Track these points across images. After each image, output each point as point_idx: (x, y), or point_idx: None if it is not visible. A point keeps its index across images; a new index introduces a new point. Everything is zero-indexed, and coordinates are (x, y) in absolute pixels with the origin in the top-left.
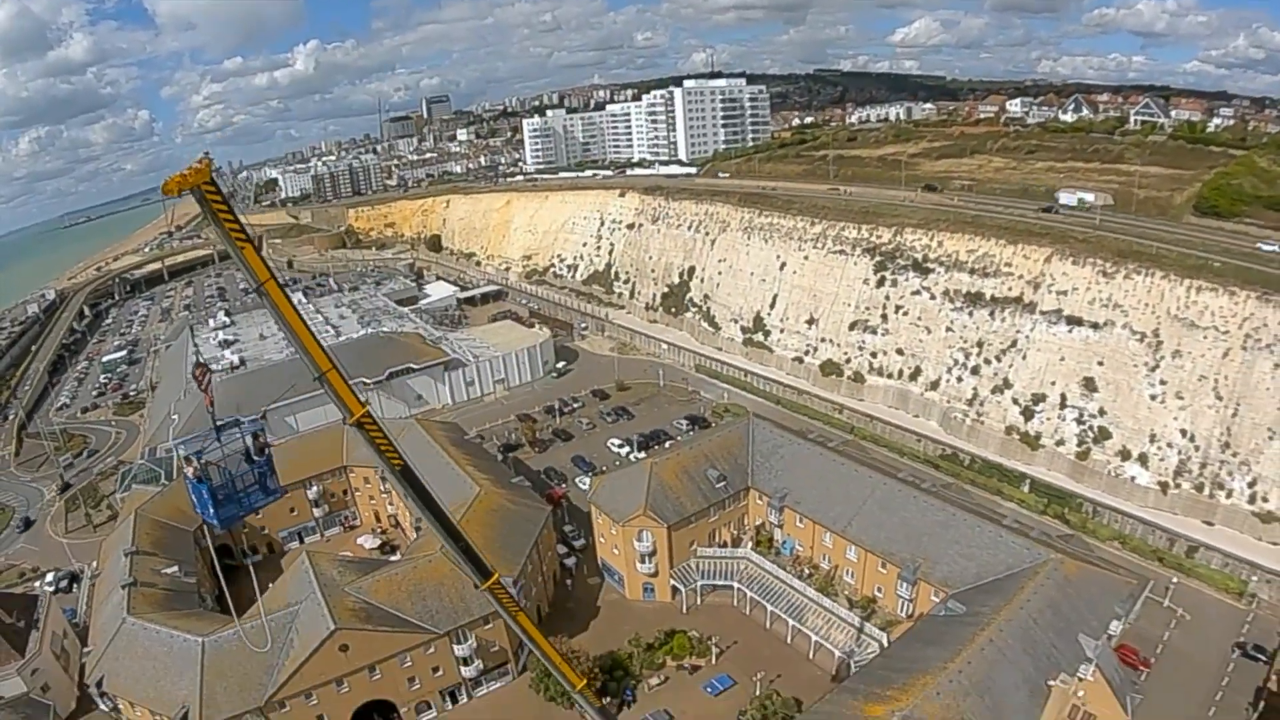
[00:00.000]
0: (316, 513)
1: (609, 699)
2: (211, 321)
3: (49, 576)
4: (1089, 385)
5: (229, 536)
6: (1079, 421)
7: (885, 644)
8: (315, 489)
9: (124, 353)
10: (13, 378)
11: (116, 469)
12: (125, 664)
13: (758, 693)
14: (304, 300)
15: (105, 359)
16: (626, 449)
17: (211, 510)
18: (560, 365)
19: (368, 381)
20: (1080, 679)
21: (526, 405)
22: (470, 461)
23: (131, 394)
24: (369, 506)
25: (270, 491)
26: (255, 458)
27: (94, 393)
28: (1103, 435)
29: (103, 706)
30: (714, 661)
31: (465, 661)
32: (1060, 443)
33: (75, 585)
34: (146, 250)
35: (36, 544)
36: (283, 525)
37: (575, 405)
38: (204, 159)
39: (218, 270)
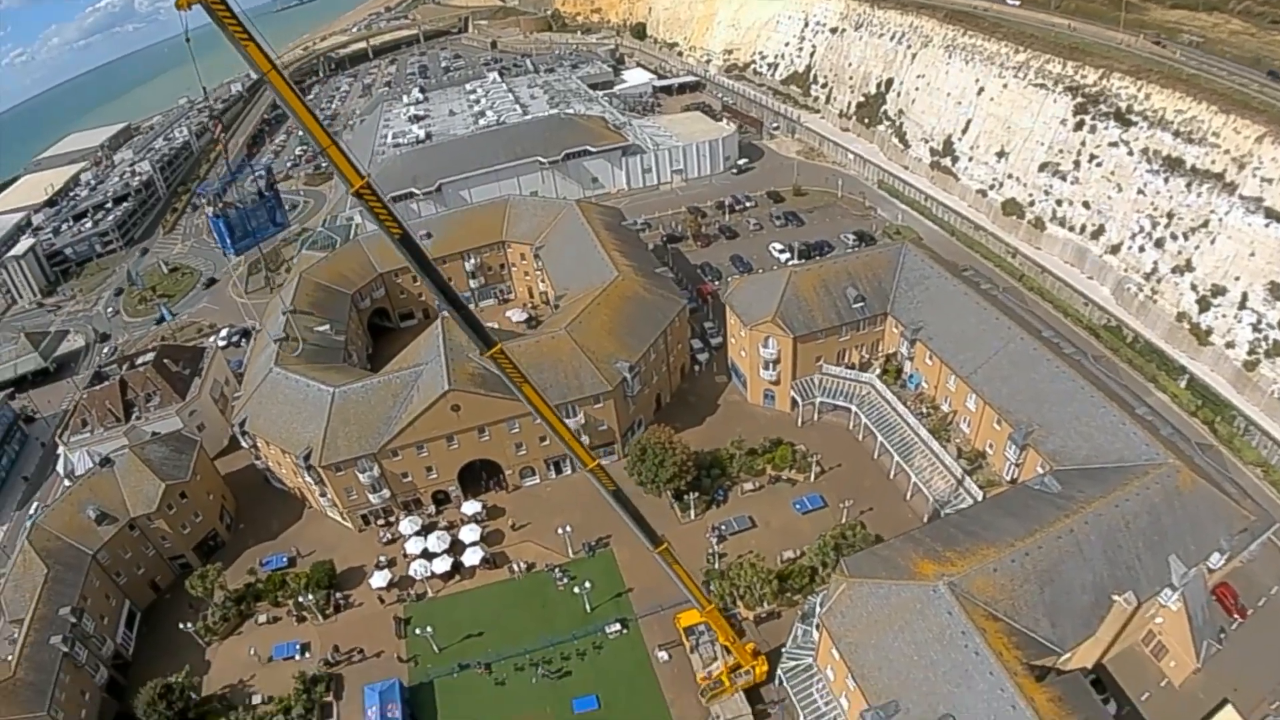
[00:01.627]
0: (473, 284)
1: (697, 494)
2: (405, 98)
3: (223, 332)
4: (1275, 291)
5: (386, 300)
6: (1255, 328)
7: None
8: (473, 261)
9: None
10: (212, 152)
11: (300, 235)
12: (266, 408)
13: (843, 520)
14: (499, 80)
15: (302, 132)
16: (787, 255)
17: (229, 242)
18: (742, 162)
19: (543, 161)
20: (1161, 605)
21: (700, 198)
22: (618, 247)
23: (322, 166)
24: (523, 282)
25: (278, 224)
26: (265, 194)
27: (289, 164)
28: (1277, 350)
29: (245, 444)
30: (811, 480)
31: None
32: (1230, 345)
33: (246, 340)
34: (354, 30)
35: (219, 304)
36: None
37: (748, 204)
38: None
39: (421, 50)
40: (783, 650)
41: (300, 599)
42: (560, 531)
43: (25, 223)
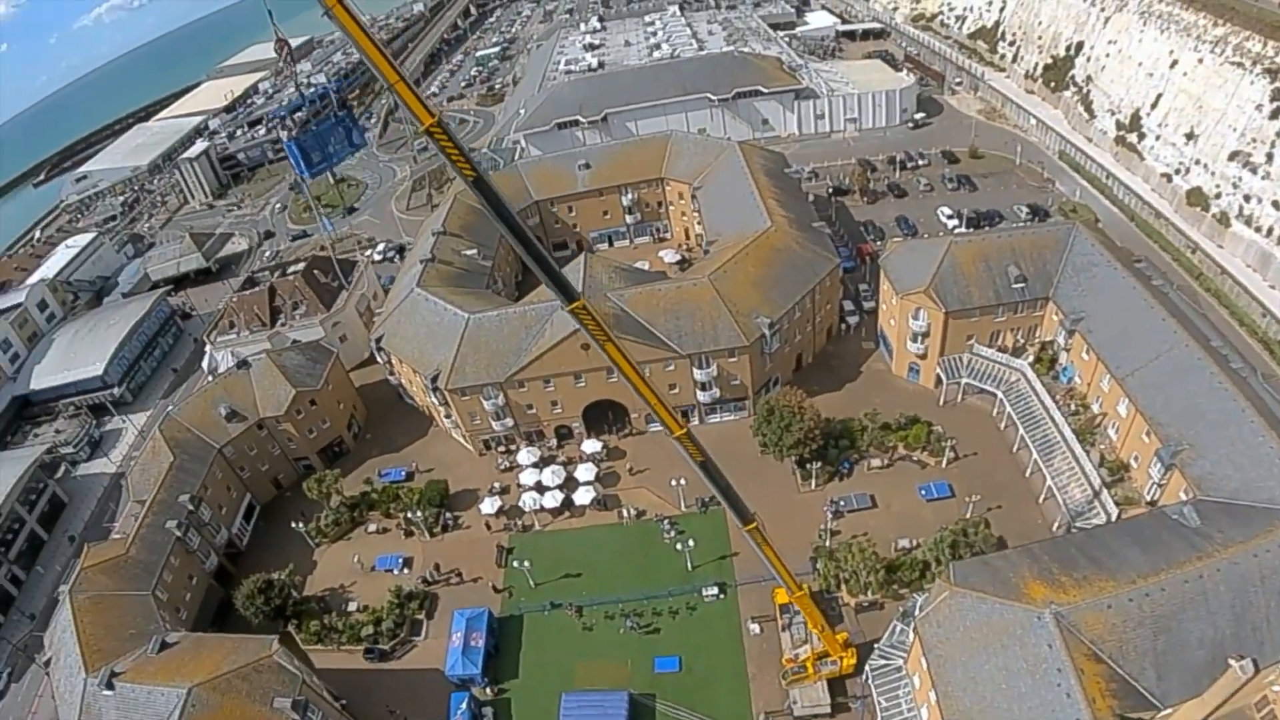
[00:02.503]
0: (629, 219)
1: (821, 464)
2: (583, 25)
3: (380, 246)
4: None
5: (540, 228)
6: None
7: (1113, 522)
8: (630, 196)
9: (498, 49)
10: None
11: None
12: (403, 327)
13: (968, 514)
14: (678, 13)
15: (479, 54)
16: (955, 222)
17: (303, 165)
18: (918, 116)
19: (713, 98)
20: None
21: (871, 151)
22: (775, 195)
23: (496, 87)
24: (680, 222)
25: (354, 144)
26: (338, 113)
27: (462, 84)
28: None
29: (380, 360)
30: (943, 465)
31: (703, 386)
32: None
33: (400, 257)
34: None
35: (379, 218)
36: (594, 226)
37: (920, 162)
38: None
39: None
40: (875, 646)
41: (410, 514)
42: (674, 484)
43: (203, 126)
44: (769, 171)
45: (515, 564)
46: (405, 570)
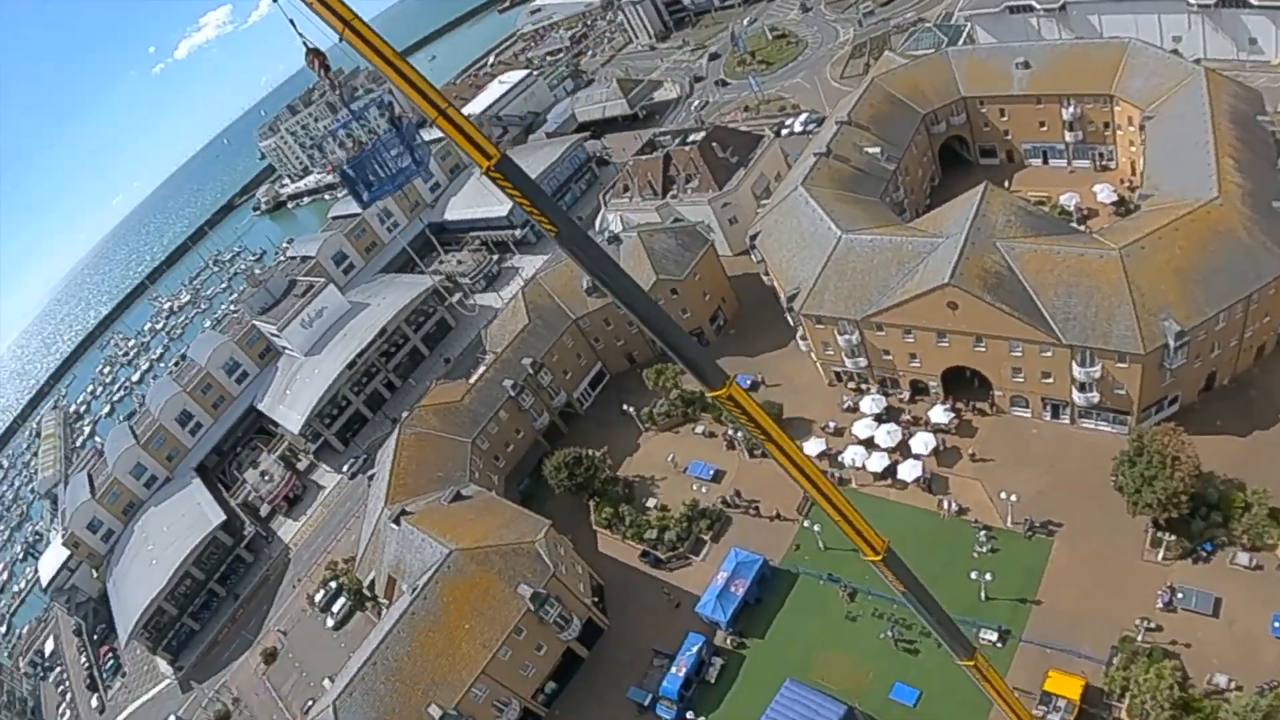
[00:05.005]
0: (1069, 137)
1: (1173, 537)
2: None
3: (802, 117)
4: None
5: (966, 129)
6: None
7: None
8: (1072, 109)
9: None
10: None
11: (915, 24)
12: (780, 226)
13: None
14: None
15: None
16: None
17: (364, 195)
18: None
19: (1191, 2)
20: None
21: None
22: (1234, 153)
23: None
24: (1128, 153)
25: (419, 162)
26: (396, 124)
27: None
28: None
29: (753, 258)
30: None
31: (1081, 386)
32: None
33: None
34: None
35: (811, 83)
36: (1029, 137)
37: None
38: None
39: None
40: None
41: (735, 429)
42: (1003, 496)
43: None
44: (1236, 116)
45: (805, 524)
46: (713, 483)
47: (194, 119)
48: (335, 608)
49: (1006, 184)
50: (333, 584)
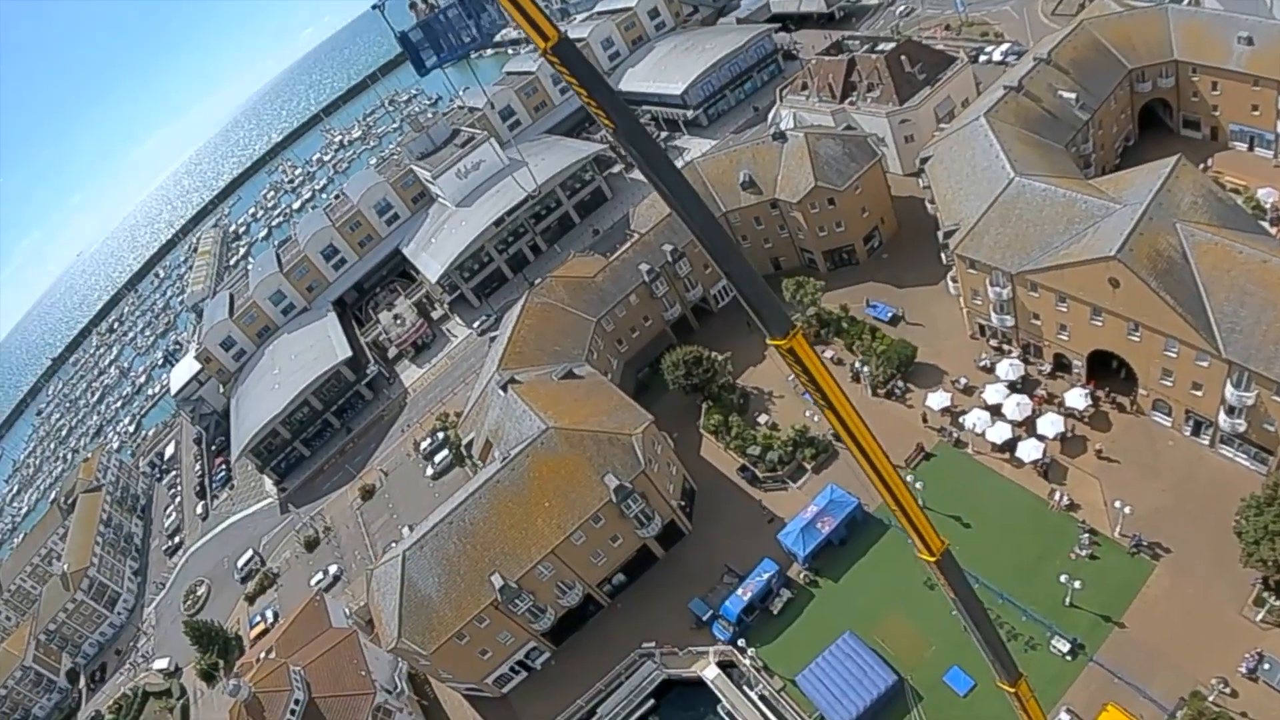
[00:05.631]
0: None
1: (1279, 601)
2: None
3: (1003, 47)
4: None
5: (1173, 94)
6: None
7: None
8: None
9: None
10: None
11: None
12: (952, 155)
13: None
14: None
15: None
16: None
17: (427, 62)
18: None
19: None
20: None
21: None
22: None
23: None
24: None
25: (486, 34)
26: None
27: None
28: None
29: (920, 183)
30: None
31: (1229, 410)
32: None
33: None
34: None
35: (1020, 13)
36: (1237, 118)
37: None
38: None
39: None
40: None
41: (861, 363)
42: (1118, 505)
43: None
44: None
45: (910, 478)
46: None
47: None
48: (437, 458)
49: (1204, 165)
50: (440, 434)
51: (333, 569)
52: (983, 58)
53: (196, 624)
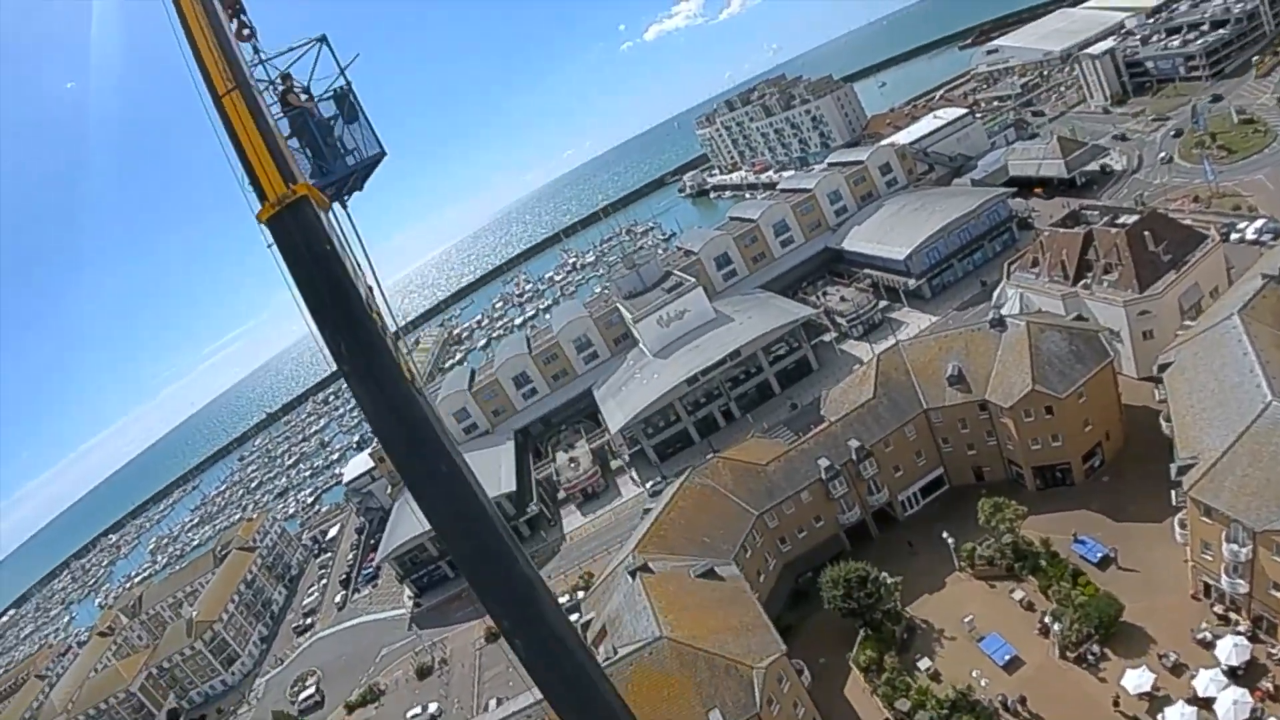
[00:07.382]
0: None
1: None
2: None
3: (1259, 223)
4: None
5: None
6: None
7: None
8: None
9: None
10: None
11: None
12: (1195, 361)
13: None
14: None
15: None
16: None
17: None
18: None
19: None
20: None
21: None
22: None
23: None
24: None
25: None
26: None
27: None
28: None
29: (1156, 394)
30: None
31: None
32: None
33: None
34: None
35: (1276, 183)
36: None
37: None
38: None
39: None
40: None
41: (1054, 617)
42: None
43: (1119, 26)
44: None
45: None
46: (1003, 671)
47: (650, 98)
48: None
49: None
50: (580, 594)
51: (432, 707)
52: (1234, 235)
53: (283, 717)
